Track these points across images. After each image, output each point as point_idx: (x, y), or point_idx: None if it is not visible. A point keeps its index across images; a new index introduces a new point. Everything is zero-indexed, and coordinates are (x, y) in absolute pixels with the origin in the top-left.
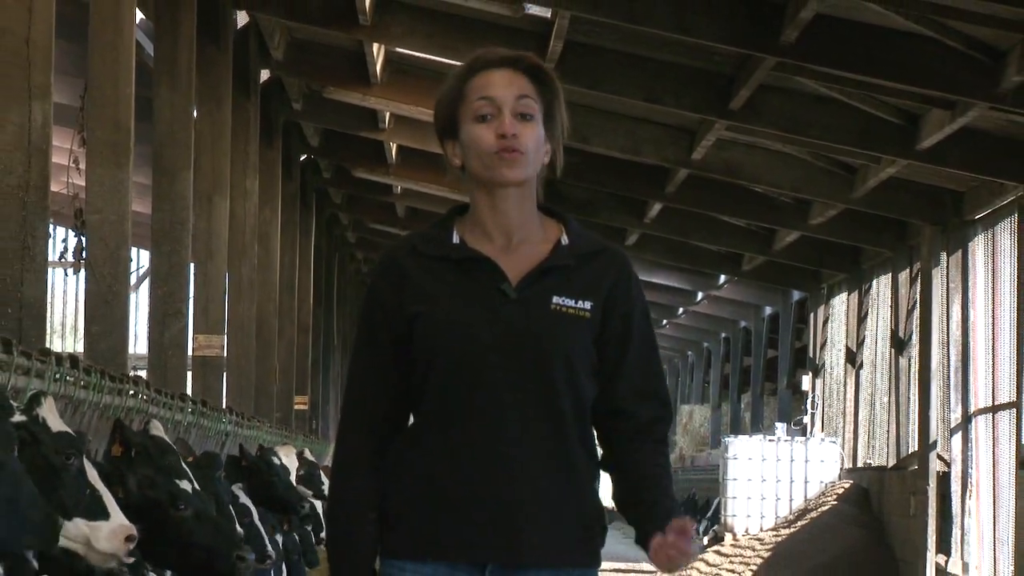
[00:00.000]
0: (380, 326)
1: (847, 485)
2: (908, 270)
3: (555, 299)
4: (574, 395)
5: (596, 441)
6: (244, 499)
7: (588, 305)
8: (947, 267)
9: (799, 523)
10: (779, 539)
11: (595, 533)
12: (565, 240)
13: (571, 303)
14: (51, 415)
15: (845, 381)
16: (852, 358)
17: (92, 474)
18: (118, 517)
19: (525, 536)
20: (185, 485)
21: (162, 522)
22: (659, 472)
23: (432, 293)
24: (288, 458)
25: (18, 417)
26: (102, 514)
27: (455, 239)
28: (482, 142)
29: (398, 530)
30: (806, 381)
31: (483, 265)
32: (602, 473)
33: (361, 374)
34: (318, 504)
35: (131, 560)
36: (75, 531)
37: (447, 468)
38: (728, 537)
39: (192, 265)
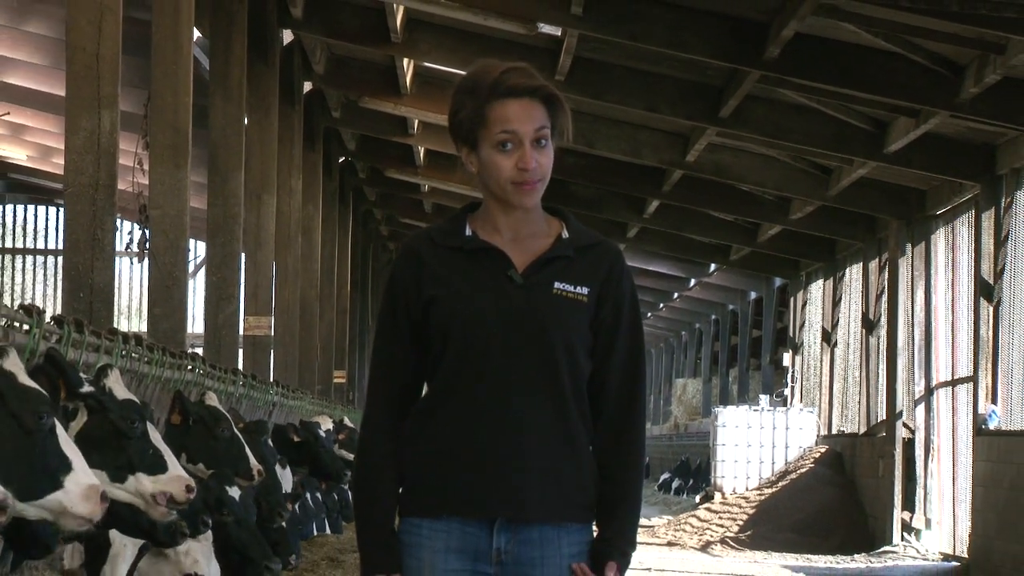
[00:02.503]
0: (400, 308)
1: (823, 450)
2: (877, 260)
3: (556, 284)
4: (572, 369)
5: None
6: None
7: (585, 291)
8: (912, 257)
9: (780, 483)
10: (763, 497)
11: (591, 493)
12: (566, 234)
13: (570, 288)
14: (117, 385)
15: (821, 358)
16: (827, 337)
17: (155, 436)
18: (176, 470)
19: (529, 494)
20: (234, 492)
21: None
22: (624, 476)
23: (447, 279)
24: (325, 425)
25: (87, 388)
26: (161, 468)
27: (468, 232)
28: (503, 171)
29: (415, 491)
30: (786, 358)
31: (492, 254)
32: None
33: (383, 352)
34: None
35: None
36: (136, 486)
37: (459, 435)
38: (718, 496)
39: (243, 255)
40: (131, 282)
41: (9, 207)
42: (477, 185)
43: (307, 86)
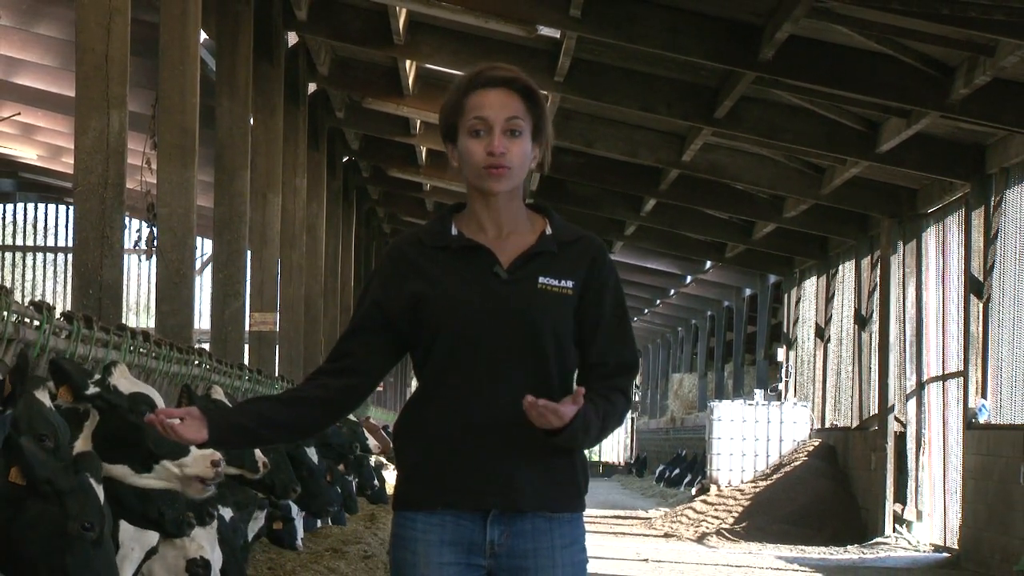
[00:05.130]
0: (371, 303)
1: (816, 443)
2: (869, 257)
3: (541, 279)
4: (559, 362)
5: None
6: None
7: (570, 284)
8: (903, 254)
9: (775, 476)
10: (757, 490)
11: (581, 482)
12: (549, 230)
13: (555, 283)
14: (122, 380)
15: (815, 353)
16: (821, 333)
17: None
18: (199, 449)
19: (522, 485)
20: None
21: None
22: (597, 399)
23: (435, 277)
24: None
25: (92, 389)
26: (184, 451)
27: (454, 231)
28: (473, 156)
29: (408, 484)
30: (781, 353)
31: (479, 252)
32: None
33: (342, 343)
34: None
35: (215, 488)
36: (165, 472)
37: (451, 428)
38: (713, 488)
39: (249, 252)
40: (139, 279)
41: (20, 206)
42: (463, 182)
43: (311, 87)
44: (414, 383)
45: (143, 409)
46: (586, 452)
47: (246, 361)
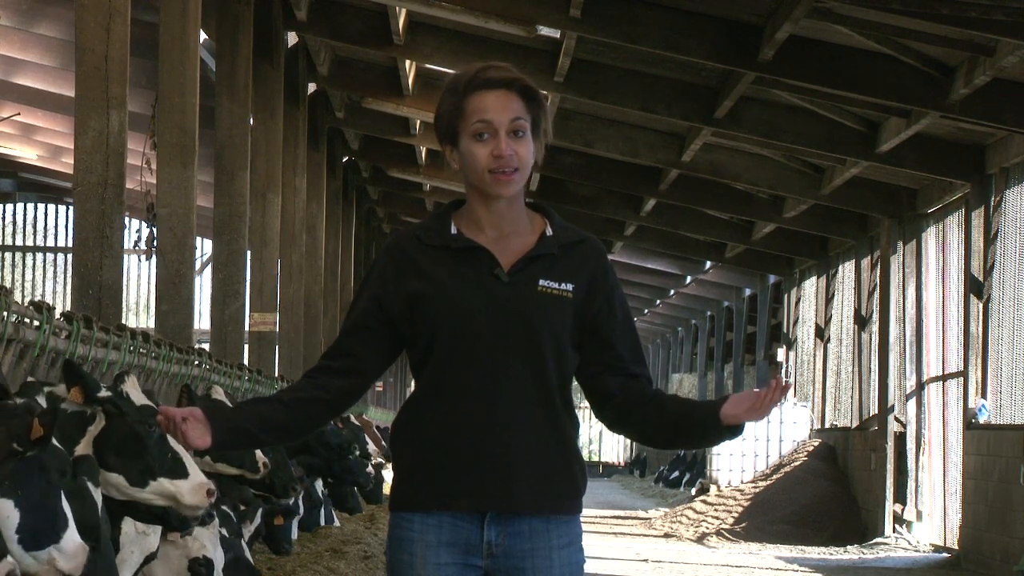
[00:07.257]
0: (368, 299)
1: (816, 443)
2: (869, 257)
3: (541, 282)
4: (558, 365)
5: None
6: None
7: (570, 287)
8: (903, 255)
9: (775, 476)
10: (757, 490)
11: (578, 485)
12: (549, 232)
13: (555, 285)
14: (134, 391)
15: (814, 353)
16: (820, 333)
17: (173, 440)
18: (197, 475)
19: (519, 488)
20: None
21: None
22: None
23: (434, 277)
24: None
25: (104, 392)
26: (183, 473)
27: (453, 230)
28: (479, 160)
29: (405, 485)
30: (781, 353)
31: (479, 253)
32: (585, 430)
33: (339, 341)
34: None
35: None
36: (161, 489)
37: (448, 430)
38: (713, 488)
39: (249, 252)
40: (139, 279)
41: (20, 206)
42: (463, 183)
43: (311, 87)
44: (413, 383)
45: (151, 422)
46: (584, 452)
47: (246, 361)
